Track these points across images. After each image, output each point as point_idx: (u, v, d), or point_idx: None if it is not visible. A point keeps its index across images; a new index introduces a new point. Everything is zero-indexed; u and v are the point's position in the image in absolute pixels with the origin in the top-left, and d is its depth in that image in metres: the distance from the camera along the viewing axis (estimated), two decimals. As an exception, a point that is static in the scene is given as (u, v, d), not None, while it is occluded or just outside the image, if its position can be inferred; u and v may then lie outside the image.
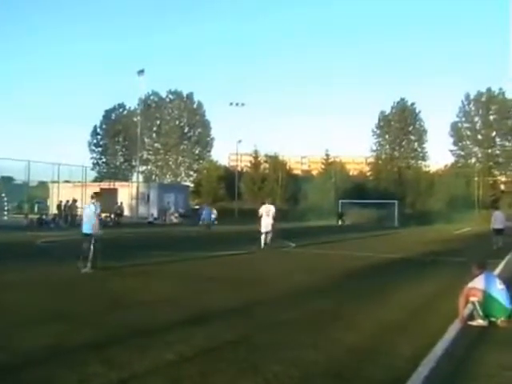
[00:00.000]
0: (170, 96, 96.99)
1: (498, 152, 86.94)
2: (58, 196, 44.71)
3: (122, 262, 16.08)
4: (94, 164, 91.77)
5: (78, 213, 42.04)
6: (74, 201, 40.39)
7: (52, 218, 40.79)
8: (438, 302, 10.43)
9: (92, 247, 14.13)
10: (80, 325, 7.86)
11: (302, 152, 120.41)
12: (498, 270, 14.63)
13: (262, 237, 22.37)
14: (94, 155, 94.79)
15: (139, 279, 12.94)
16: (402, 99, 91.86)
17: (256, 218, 23.68)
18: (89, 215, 14.87)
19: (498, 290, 8.65)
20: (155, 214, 52.24)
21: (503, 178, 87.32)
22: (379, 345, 7.15)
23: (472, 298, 8.41)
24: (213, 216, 36.41)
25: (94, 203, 15.05)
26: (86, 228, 14.73)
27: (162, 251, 20.52)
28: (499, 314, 8.39)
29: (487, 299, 8.38)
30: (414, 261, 19.23)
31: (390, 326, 8.27)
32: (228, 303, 9.88)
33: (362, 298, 10.74)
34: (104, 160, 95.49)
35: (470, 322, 8.29)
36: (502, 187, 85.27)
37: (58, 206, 41.41)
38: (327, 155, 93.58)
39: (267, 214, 22.58)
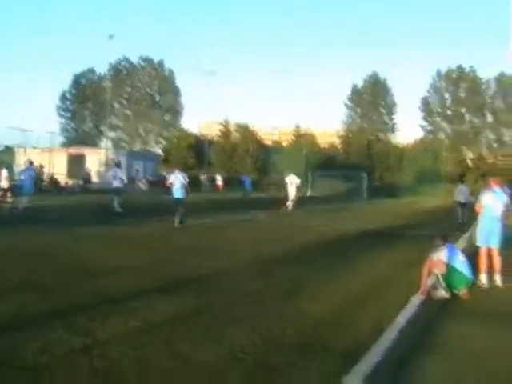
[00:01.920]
0: (141, 63, 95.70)
1: (466, 128, 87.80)
2: (22, 162, 44.01)
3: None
4: (62, 129, 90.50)
5: (45, 178, 41.70)
6: (41, 166, 39.80)
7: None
8: (402, 274, 10.56)
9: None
10: (47, 293, 7.78)
11: (272, 123, 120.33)
12: (459, 243, 14.89)
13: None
14: (63, 120, 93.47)
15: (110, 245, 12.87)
16: (375, 73, 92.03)
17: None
18: (180, 183, 18.55)
19: (461, 261, 8.82)
20: (125, 181, 51.59)
21: (470, 155, 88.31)
22: (343, 316, 7.23)
23: (435, 270, 8.54)
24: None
25: (180, 173, 18.91)
26: (178, 193, 18.53)
27: (131, 218, 20.34)
28: (461, 284, 8.56)
29: (450, 271, 8.54)
30: (381, 233, 19.38)
31: (354, 297, 8.37)
32: (195, 272, 9.88)
33: (329, 269, 10.83)
34: (73, 125, 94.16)
35: (433, 294, 8.43)
36: (469, 163, 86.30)
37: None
38: (298, 127, 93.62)
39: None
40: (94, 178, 50.15)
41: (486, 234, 10.04)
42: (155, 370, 5.03)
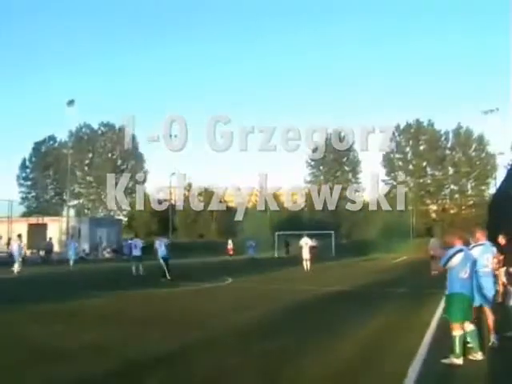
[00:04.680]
0: (102, 128, 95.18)
1: (429, 181, 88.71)
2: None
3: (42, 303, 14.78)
4: (22, 198, 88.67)
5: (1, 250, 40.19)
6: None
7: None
8: (392, 339, 9.69)
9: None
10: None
11: (236, 183, 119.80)
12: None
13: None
14: (23, 189, 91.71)
15: (64, 323, 11.72)
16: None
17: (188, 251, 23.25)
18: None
19: None
20: (87, 250, 50.37)
21: (434, 207, 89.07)
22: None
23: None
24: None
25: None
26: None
27: (93, 290, 19.19)
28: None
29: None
30: (358, 293, 18.58)
31: (343, 372, 7.43)
32: (161, 349, 8.83)
33: (309, 337, 9.89)
34: (33, 194, 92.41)
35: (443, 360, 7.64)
36: (434, 215, 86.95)
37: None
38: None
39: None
40: (56, 248, 48.65)
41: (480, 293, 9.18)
42: None
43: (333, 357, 8.13)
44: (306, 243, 31.96)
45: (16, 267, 27.08)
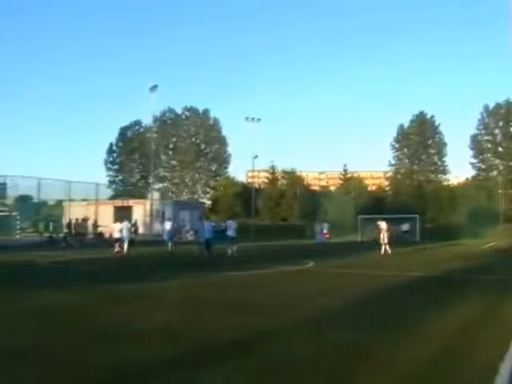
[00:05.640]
0: (186, 113, 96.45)
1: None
2: (71, 214, 43.70)
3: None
4: (110, 182, 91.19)
5: (89, 231, 41.34)
6: (84, 219, 39.42)
7: (63, 237, 39.64)
8: (482, 335, 8.89)
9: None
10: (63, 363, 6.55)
11: (319, 167, 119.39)
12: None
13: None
14: (111, 173, 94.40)
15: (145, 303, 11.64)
16: (421, 112, 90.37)
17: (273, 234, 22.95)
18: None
19: None
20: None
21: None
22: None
23: None
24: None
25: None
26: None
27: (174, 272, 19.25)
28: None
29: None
30: (444, 279, 17.71)
31: (428, 370, 6.74)
32: (235, 335, 8.49)
33: (393, 329, 9.25)
34: (120, 178, 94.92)
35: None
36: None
37: (68, 225, 40.02)
38: (345, 170, 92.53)
39: None
40: (141, 230, 49.72)
41: None
42: None
43: (414, 354, 7.50)
44: (383, 228, 32.49)
45: (125, 247, 30.81)
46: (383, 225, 32.78)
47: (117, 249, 30.44)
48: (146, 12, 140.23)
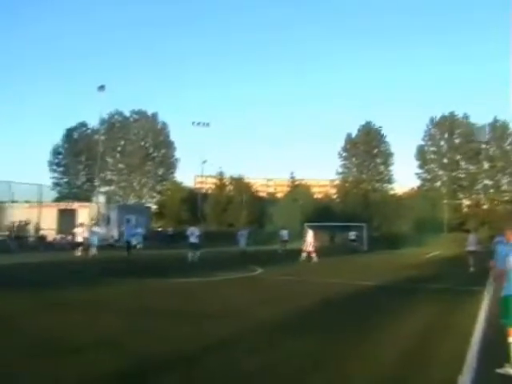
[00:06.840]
0: (134, 115, 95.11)
1: (462, 175, 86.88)
2: (12, 217, 42.27)
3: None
4: (54, 184, 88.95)
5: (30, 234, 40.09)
6: (26, 223, 38.22)
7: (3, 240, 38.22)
8: (433, 343, 8.81)
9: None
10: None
11: (267, 174, 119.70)
12: (485, 302, 13.33)
13: None
14: (56, 175, 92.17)
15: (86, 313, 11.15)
16: (368, 122, 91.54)
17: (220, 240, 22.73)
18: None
19: None
20: (116, 236, 50.10)
21: (467, 202, 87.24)
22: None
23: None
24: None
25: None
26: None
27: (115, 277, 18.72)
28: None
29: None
30: (392, 288, 17.71)
31: (383, 379, 6.61)
32: (180, 345, 8.14)
33: (343, 337, 9.09)
34: (66, 180, 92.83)
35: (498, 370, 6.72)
36: (466, 210, 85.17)
37: (8, 228, 38.65)
38: (292, 178, 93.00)
39: None
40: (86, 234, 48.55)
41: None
42: None
43: (372, 362, 7.34)
44: (309, 235, 32.67)
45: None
46: (310, 232, 33.02)
47: (79, 253, 31.12)
48: (94, 13, 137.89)
